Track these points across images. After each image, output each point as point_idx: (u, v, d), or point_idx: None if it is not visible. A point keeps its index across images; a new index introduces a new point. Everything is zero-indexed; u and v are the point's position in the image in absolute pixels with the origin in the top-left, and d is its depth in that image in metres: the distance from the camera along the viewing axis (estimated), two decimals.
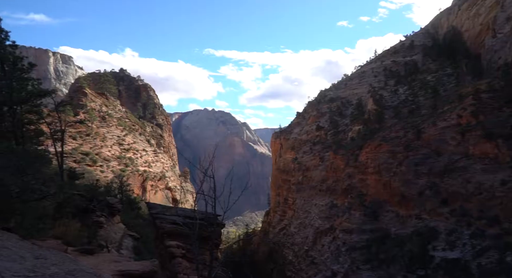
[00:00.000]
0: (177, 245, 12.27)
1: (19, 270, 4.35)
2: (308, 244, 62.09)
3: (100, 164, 66.32)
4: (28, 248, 5.51)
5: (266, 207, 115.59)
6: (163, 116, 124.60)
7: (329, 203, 62.99)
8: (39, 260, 5.01)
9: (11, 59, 19.33)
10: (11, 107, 19.51)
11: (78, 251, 7.17)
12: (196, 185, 7.66)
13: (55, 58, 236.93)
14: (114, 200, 25.98)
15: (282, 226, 76.71)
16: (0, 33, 18.71)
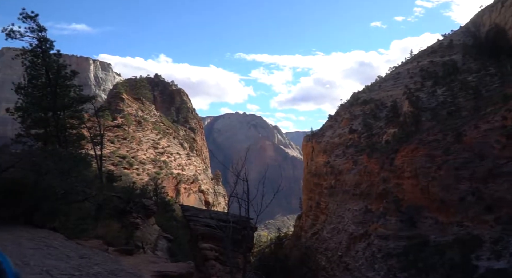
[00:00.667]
0: (210, 248, 12.35)
1: (65, 269, 4.53)
2: (341, 249, 60.72)
3: (136, 167, 68.58)
4: (73, 247, 5.74)
5: (298, 211, 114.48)
6: (195, 120, 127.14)
7: (363, 208, 61.34)
8: (83, 260, 5.20)
9: (55, 67, 20.33)
10: (55, 112, 20.51)
11: (118, 251, 7.39)
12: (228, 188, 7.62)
13: (95, 66, 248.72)
14: (150, 202, 26.59)
15: (314, 230, 75.58)
16: (45, 43, 19.75)
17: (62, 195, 7.30)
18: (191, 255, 15.22)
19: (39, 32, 19.15)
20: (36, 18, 18.67)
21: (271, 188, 9.83)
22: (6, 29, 18.11)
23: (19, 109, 19.94)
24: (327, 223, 71.24)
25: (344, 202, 68.20)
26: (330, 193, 74.36)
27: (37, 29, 18.97)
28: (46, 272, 4.19)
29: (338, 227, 66.02)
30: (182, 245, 25.53)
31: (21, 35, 18.60)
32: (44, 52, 19.90)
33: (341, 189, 70.80)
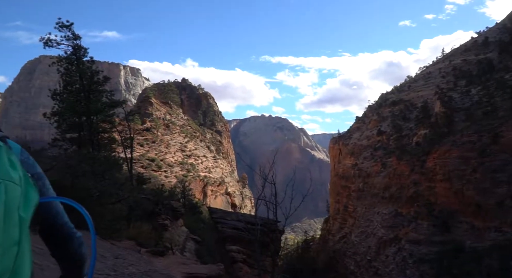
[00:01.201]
0: (238, 250, 12.35)
1: (101, 269, 4.66)
2: (370, 254, 59.27)
3: (164, 169, 70.05)
4: (108, 248, 5.90)
5: (325, 214, 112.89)
6: (222, 123, 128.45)
7: (393, 211, 59.65)
8: (118, 260, 5.33)
9: (89, 74, 21.11)
10: (89, 117, 21.26)
11: (150, 252, 7.54)
12: (255, 190, 7.61)
13: (125, 71, 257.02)
14: (178, 204, 27.03)
15: (342, 234, 74.27)
16: (79, 50, 20.57)
17: (97, 197, 7.55)
18: (219, 257, 15.30)
19: (74, 40, 19.97)
20: (71, 26, 19.49)
21: (298, 191, 9.73)
22: (43, 38, 19.01)
23: (55, 114, 20.81)
24: (355, 226, 69.82)
25: (373, 206, 66.62)
26: (358, 196, 72.88)
27: (72, 37, 19.79)
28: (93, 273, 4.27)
29: (366, 231, 64.54)
30: (209, 247, 25.76)
31: (57, 43, 19.45)
32: (78, 59, 20.70)
33: (370, 192, 69.24)
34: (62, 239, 1.24)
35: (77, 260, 1.32)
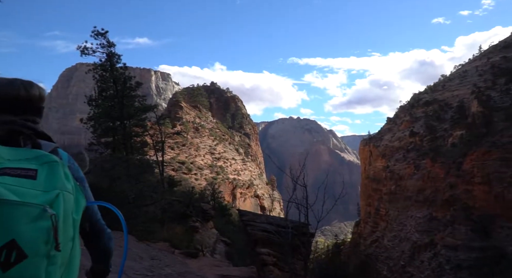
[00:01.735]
0: (268, 253, 12.33)
1: (139, 269, 4.81)
2: (404, 259, 57.36)
3: (194, 172, 71.18)
4: (144, 249, 6.09)
5: (356, 217, 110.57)
6: (250, 126, 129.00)
7: (427, 215, 57.51)
8: (154, 261, 5.49)
9: (122, 80, 21.93)
10: (122, 121, 22.07)
11: (184, 254, 7.66)
12: (284, 193, 7.58)
13: (156, 76, 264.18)
14: (208, 206, 27.37)
15: (374, 238, 72.38)
16: (113, 57, 21.42)
17: (132, 199, 7.80)
18: (249, 259, 15.32)
19: (109, 48, 20.82)
20: (106, 34, 20.35)
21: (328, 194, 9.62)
22: (80, 47, 19.97)
23: (91, 119, 21.75)
24: (387, 230, 67.87)
25: (406, 209, 64.53)
26: (390, 199, 70.85)
27: (106, 45, 20.64)
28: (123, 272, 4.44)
29: (400, 235, 62.56)
30: (239, 250, 25.84)
31: (93, 51, 20.37)
32: (112, 66, 21.56)
33: (402, 195, 67.13)
34: (95, 233, 1.46)
35: (105, 252, 1.52)
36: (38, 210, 0.99)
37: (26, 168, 1.08)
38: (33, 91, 1.36)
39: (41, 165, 1.11)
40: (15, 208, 0.96)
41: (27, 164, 1.10)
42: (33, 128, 1.31)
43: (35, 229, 0.97)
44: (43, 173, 1.09)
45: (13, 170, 1.06)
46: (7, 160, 1.09)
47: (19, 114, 1.31)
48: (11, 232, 0.94)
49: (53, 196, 1.05)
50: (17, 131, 1.24)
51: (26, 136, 1.25)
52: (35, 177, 1.07)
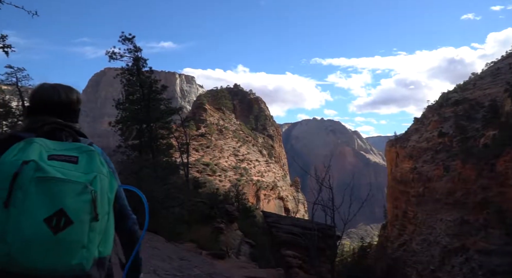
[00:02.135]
0: (293, 255, 12.24)
1: (169, 270, 4.91)
2: (434, 263, 55.49)
3: (218, 174, 71.88)
4: (172, 249, 6.20)
5: (382, 220, 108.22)
6: (273, 127, 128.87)
7: (458, 218, 55.43)
8: (183, 261, 5.58)
9: (148, 83, 22.45)
10: (149, 124, 22.58)
11: (211, 255, 7.73)
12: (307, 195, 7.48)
13: (180, 79, 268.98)
14: (232, 208, 27.46)
15: (401, 241, 70.48)
16: (140, 61, 21.99)
17: (161, 200, 7.97)
18: (274, 261, 15.29)
19: (135, 52, 21.39)
20: (133, 39, 20.93)
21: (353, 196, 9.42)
22: (109, 52, 20.63)
23: (119, 123, 22.39)
24: (416, 234, 65.93)
25: (435, 212, 62.47)
26: (418, 202, 68.81)
27: (133, 50, 21.22)
28: (153, 272, 4.58)
29: (429, 238, 60.61)
30: (264, 251, 25.82)
31: (121, 56, 21.00)
32: (139, 70, 22.13)
33: (431, 198, 65.04)
34: (121, 216, 1.61)
35: (131, 234, 1.68)
36: (81, 187, 1.24)
37: (69, 155, 1.34)
38: (72, 95, 1.62)
39: (81, 153, 1.37)
40: (62, 184, 1.21)
41: (70, 152, 1.36)
42: (73, 127, 1.56)
43: (79, 201, 1.22)
44: (83, 159, 1.34)
45: (59, 156, 1.32)
46: (53, 149, 1.34)
47: (61, 115, 1.56)
48: (60, 203, 1.19)
49: (91, 177, 1.29)
50: (60, 129, 1.50)
51: (67, 133, 1.51)
52: (77, 162, 1.32)
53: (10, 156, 1.26)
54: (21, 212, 1.16)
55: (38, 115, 1.53)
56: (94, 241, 1.25)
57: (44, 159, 1.28)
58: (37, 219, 1.16)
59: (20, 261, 1.14)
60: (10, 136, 1.42)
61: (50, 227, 1.16)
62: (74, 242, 1.19)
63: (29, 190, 1.18)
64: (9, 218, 1.16)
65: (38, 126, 1.46)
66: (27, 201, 1.17)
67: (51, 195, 1.19)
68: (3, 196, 1.18)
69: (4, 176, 1.21)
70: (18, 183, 1.19)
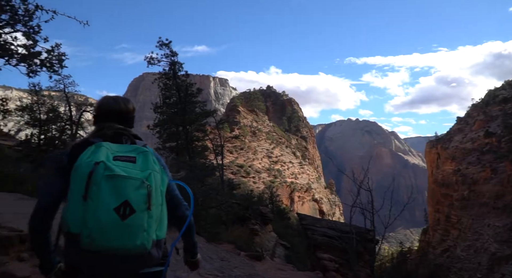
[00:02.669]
0: (329, 258, 11.96)
1: (210, 270, 4.96)
2: (482, 271, 52.31)
3: (252, 175, 72.09)
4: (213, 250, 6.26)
5: (422, 224, 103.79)
6: (307, 129, 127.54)
7: (508, 224, 51.96)
8: (224, 262, 5.62)
9: (184, 87, 22.98)
10: (185, 127, 23.10)
11: (248, 256, 7.72)
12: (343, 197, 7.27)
13: (214, 82, 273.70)
14: (266, 210, 27.42)
15: (444, 247, 67.12)
16: (176, 66, 22.56)
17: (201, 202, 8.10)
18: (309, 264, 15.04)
19: (172, 57, 21.97)
20: (169, 44, 21.52)
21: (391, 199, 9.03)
22: (147, 57, 21.35)
23: (157, 126, 23.08)
24: (460, 239, 62.54)
25: (482, 217, 58.95)
26: (462, 206, 65.27)
27: (170, 54, 21.82)
28: (196, 272, 4.65)
29: (475, 245, 57.27)
30: (299, 254, 25.52)
31: (158, 61, 21.66)
32: (175, 74, 22.71)
33: (477, 202, 61.45)
34: (174, 204, 1.88)
35: (183, 219, 1.92)
36: (139, 182, 1.55)
37: (129, 156, 1.65)
38: (129, 105, 1.98)
39: (138, 154, 1.68)
40: (125, 180, 1.53)
41: (129, 153, 1.67)
42: (130, 131, 1.89)
43: (138, 194, 1.53)
44: (140, 159, 1.66)
45: (121, 157, 1.63)
46: (116, 151, 1.65)
47: (121, 122, 1.89)
48: (125, 195, 1.50)
49: (147, 174, 1.59)
50: (120, 133, 1.83)
51: (126, 137, 1.83)
52: (135, 162, 1.64)
53: (84, 158, 1.57)
54: (97, 203, 1.48)
55: (103, 122, 1.86)
56: (152, 226, 1.56)
57: (110, 160, 1.59)
58: (109, 208, 1.48)
59: (99, 242, 1.46)
60: (83, 141, 1.74)
61: (119, 214, 1.48)
62: (137, 227, 1.50)
63: (101, 186, 1.50)
64: (88, 208, 1.47)
65: (104, 132, 1.80)
66: (100, 194, 1.49)
67: (117, 189, 1.51)
68: (82, 191, 1.50)
69: (82, 175, 1.52)
70: (92, 180, 1.50)
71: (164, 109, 23.36)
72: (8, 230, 4.85)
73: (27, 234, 5.03)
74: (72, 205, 1.52)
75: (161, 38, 21.35)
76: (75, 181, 1.53)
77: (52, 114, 18.84)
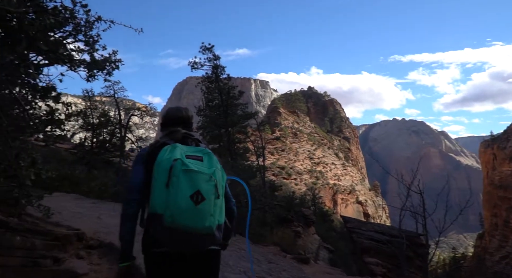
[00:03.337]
0: (376, 263, 11.56)
1: (258, 272, 4.98)
2: None
3: (294, 177, 71.65)
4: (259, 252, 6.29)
5: (478, 229, 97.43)
6: (350, 129, 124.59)
7: None
8: (272, 264, 5.62)
9: (226, 90, 23.38)
10: (227, 129, 23.47)
11: (295, 258, 7.67)
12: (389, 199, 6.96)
13: (255, 85, 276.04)
14: (309, 212, 27.05)
15: (503, 254, 62.34)
16: (218, 69, 23.02)
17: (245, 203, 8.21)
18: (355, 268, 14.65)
19: (214, 61, 22.47)
20: (212, 49, 22.03)
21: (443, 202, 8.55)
22: (191, 62, 22.02)
23: (200, 128, 23.66)
24: None
25: None
26: None
27: (213, 58, 22.32)
28: (244, 273, 4.70)
29: None
30: (342, 257, 24.88)
31: (201, 65, 22.24)
32: (217, 78, 23.17)
33: None
34: (226, 199, 2.16)
35: (232, 212, 2.30)
36: (208, 176, 1.94)
37: (197, 155, 2.04)
38: (189, 113, 2.46)
39: (204, 154, 2.08)
40: (197, 174, 1.92)
41: (197, 153, 2.06)
42: (193, 135, 2.30)
43: (208, 186, 1.91)
44: (205, 158, 2.05)
45: (191, 156, 2.01)
46: (186, 151, 2.03)
47: (183, 127, 2.32)
48: (197, 186, 1.89)
49: (212, 170, 1.98)
50: (186, 136, 2.25)
51: (192, 140, 2.25)
52: (202, 160, 2.03)
53: (164, 155, 1.97)
54: (176, 191, 1.86)
55: (169, 127, 2.31)
56: (216, 212, 1.93)
57: (184, 157, 1.97)
58: (185, 195, 1.86)
59: (178, 221, 1.83)
60: (162, 143, 2.15)
61: (193, 201, 1.85)
62: (206, 211, 1.88)
63: (180, 177, 1.88)
64: (169, 194, 1.86)
65: (175, 136, 2.22)
66: (179, 184, 1.87)
67: (192, 181, 1.89)
68: (165, 181, 1.88)
69: (165, 168, 1.91)
70: (173, 172, 1.89)
71: (207, 112, 23.87)
72: (67, 228, 5.19)
73: (84, 232, 5.37)
74: (157, 191, 1.90)
75: (204, 43, 21.92)
76: (159, 173, 1.92)
77: (103, 119, 19.98)
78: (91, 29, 2.67)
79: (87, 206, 9.19)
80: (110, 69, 3.00)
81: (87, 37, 2.72)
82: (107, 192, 11.89)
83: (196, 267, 2.03)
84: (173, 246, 1.93)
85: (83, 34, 2.69)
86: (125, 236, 2.03)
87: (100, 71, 2.85)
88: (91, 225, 6.34)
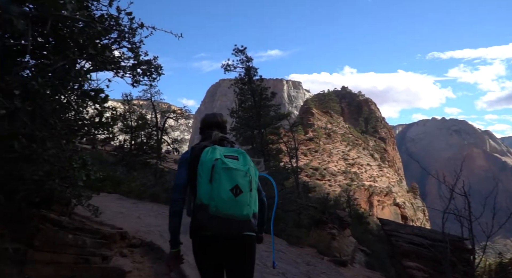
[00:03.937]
0: (417, 267, 11.14)
1: (297, 274, 4.96)
2: None
3: (328, 178, 70.64)
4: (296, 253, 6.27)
5: None
6: (385, 129, 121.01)
7: None
8: (310, 266, 5.58)
9: (259, 91, 23.48)
10: (260, 130, 23.55)
11: (332, 261, 7.57)
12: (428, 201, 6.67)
13: (287, 85, 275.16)
14: (344, 214, 26.52)
15: None
16: (251, 71, 23.17)
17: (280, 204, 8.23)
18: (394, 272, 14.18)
19: (247, 63, 22.65)
20: (244, 51, 22.24)
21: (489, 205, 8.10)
22: (224, 65, 22.34)
23: (233, 130, 23.90)
24: None
25: None
26: None
27: (245, 60, 22.52)
28: (283, 275, 4.70)
29: None
30: (380, 260, 24.15)
31: (234, 67, 22.50)
32: (250, 79, 23.32)
33: None
34: (258, 192, 2.44)
35: (263, 203, 2.57)
36: (244, 173, 2.26)
37: (234, 155, 2.34)
38: (223, 117, 2.78)
39: (239, 154, 2.39)
40: (235, 171, 2.24)
41: (233, 153, 2.36)
42: (228, 138, 2.58)
43: (244, 181, 2.24)
44: (240, 157, 2.36)
45: (229, 156, 2.31)
46: (224, 152, 2.33)
47: (219, 131, 2.62)
48: (236, 181, 2.21)
49: (247, 168, 2.30)
50: (223, 139, 2.53)
51: (227, 142, 2.53)
52: (238, 159, 2.34)
53: (207, 156, 2.29)
54: (218, 185, 2.17)
55: (207, 130, 2.63)
56: (252, 203, 2.25)
57: (223, 157, 2.27)
58: (226, 189, 2.17)
59: (221, 210, 2.15)
60: (203, 146, 2.42)
61: (233, 193, 2.17)
62: (244, 202, 2.20)
63: (221, 174, 2.19)
64: (213, 189, 2.17)
65: (214, 139, 2.50)
66: (221, 180, 2.18)
67: (231, 176, 2.20)
68: (209, 177, 2.20)
69: (208, 166, 2.23)
70: (215, 170, 2.21)
71: (240, 113, 24.07)
72: (111, 227, 5.42)
73: (126, 231, 5.59)
74: (203, 186, 2.21)
75: (236, 45, 22.16)
76: (203, 171, 2.24)
77: (141, 121, 20.72)
78: (133, 35, 2.80)
79: (128, 206, 9.56)
80: (156, 75, 3.14)
81: (131, 43, 2.84)
82: (146, 192, 12.37)
83: (234, 249, 2.32)
84: (217, 230, 2.22)
85: (127, 40, 2.81)
86: (173, 229, 2.35)
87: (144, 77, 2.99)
88: (132, 224, 6.58)
